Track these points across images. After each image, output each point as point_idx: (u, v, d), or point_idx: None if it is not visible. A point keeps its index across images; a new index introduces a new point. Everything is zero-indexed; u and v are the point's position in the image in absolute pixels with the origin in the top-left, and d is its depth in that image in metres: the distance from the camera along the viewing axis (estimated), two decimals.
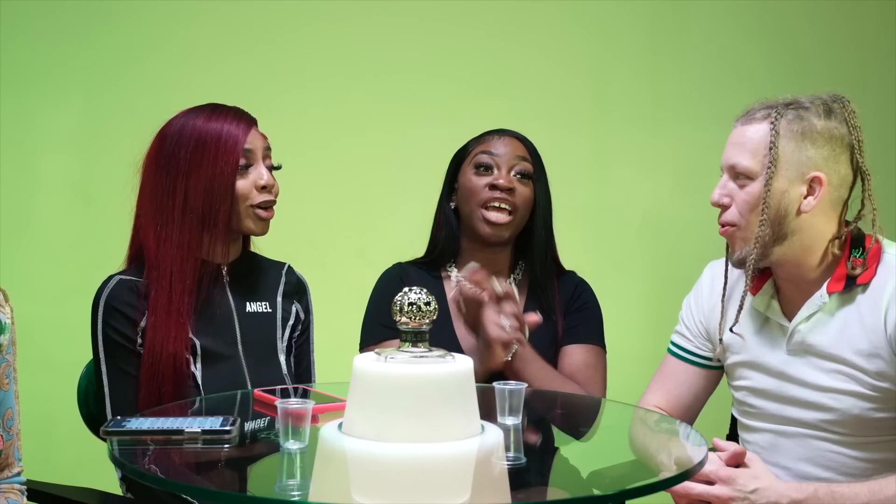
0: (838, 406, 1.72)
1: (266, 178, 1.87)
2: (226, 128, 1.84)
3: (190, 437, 1.43)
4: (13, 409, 1.68)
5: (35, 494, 1.82)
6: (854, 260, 1.72)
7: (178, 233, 1.82)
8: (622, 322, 2.31)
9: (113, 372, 1.81)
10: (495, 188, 2.02)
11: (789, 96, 1.74)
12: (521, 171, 2.05)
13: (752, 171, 1.70)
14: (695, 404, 1.95)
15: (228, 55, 2.94)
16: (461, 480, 1.28)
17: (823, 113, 1.69)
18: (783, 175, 1.68)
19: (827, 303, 1.72)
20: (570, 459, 1.59)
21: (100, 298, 1.82)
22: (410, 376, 1.28)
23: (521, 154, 2.07)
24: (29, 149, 2.85)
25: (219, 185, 1.82)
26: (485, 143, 2.08)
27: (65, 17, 2.84)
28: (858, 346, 1.70)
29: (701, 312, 1.92)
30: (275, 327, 1.95)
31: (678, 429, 1.70)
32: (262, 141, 1.89)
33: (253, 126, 1.89)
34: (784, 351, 1.77)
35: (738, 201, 1.72)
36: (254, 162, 1.87)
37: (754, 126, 1.71)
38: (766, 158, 1.68)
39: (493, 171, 2.04)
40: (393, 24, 3.04)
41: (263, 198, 1.87)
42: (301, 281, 2.04)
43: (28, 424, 1.80)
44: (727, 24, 3.26)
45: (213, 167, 1.82)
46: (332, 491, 1.26)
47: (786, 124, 1.68)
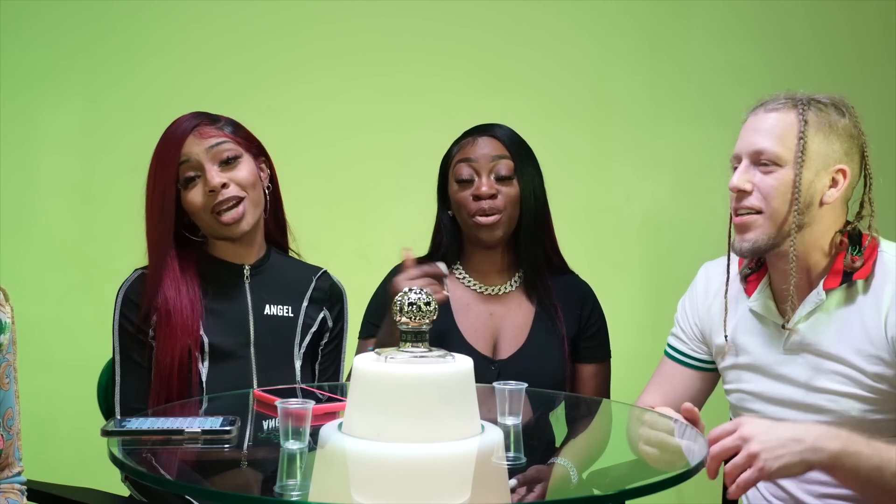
0: (836, 408, 1.71)
1: (214, 182, 1.82)
2: (160, 147, 1.86)
3: (190, 437, 1.43)
4: (13, 409, 1.68)
5: (35, 494, 1.82)
6: (852, 257, 1.72)
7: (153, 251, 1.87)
8: (621, 322, 2.31)
9: (125, 361, 1.86)
10: (479, 198, 2.03)
11: (801, 92, 1.74)
12: (502, 173, 2.04)
13: (780, 158, 1.69)
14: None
15: (228, 55, 2.94)
16: (461, 480, 1.28)
17: (839, 111, 1.71)
18: (812, 165, 1.68)
19: (825, 300, 1.72)
20: (570, 459, 1.59)
21: (120, 290, 1.88)
22: (410, 376, 1.28)
23: (499, 153, 2.06)
24: (29, 149, 2.85)
25: (166, 207, 1.84)
26: (463, 149, 2.08)
27: (65, 17, 2.84)
28: (859, 347, 1.69)
29: (696, 314, 1.91)
30: (293, 333, 1.93)
31: (676, 427, 1.70)
32: (203, 142, 1.84)
33: (190, 133, 1.84)
34: (781, 351, 1.77)
35: (762, 187, 1.70)
36: (199, 170, 1.84)
37: (780, 114, 1.71)
38: (796, 147, 1.68)
39: (473, 181, 2.04)
40: (393, 24, 3.04)
41: (217, 199, 1.83)
42: (336, 287, 2.02)
43: (28, 425, 1.80)
44: (727, 24, 3.26)
45: (161, 189, 1.84)
46: (332, 491, 1.26)
47: (813, 115, 1.69)
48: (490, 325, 2.09)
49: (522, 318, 2.10)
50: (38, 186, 2.89)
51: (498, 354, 2.07)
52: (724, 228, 1.81)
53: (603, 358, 2.15)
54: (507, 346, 2.08)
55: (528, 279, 2.11)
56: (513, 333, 2.09)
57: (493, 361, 2.06)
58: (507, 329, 2.09)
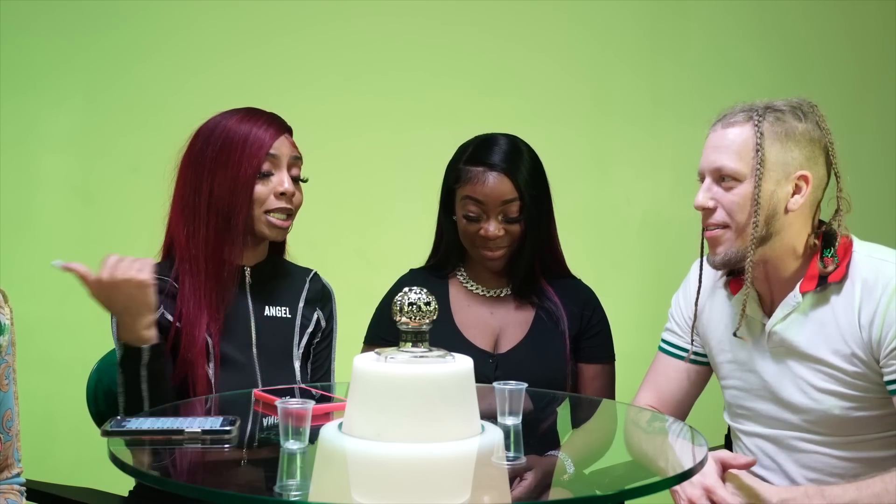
0: (818, 407, 1.74)
1: (286, 186, 1.86)
2: (254, 131, 1.85)
3: (190, 437, 1.43)
4: (12, 410, 1.68)
5: (35, 495, 1.82)
6: (825, 259, 1.74)
7: (203, 230, 1.84)
8: (622, 322, 2.31)
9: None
10: (486, 238, 2.03)
11: (761, 100, 1.76)
12: (510, 217, 2.03)
13: (739, 173, 1.71)
14: (685, 400, 1.96)
15: (228, 55, 2.94)
16: (461, 480, 1.28)
17: (797, 116, 1.72)
18: (771, 176, 1.70)
19: (801, 303, 1.74)
20: (570, 459, 1.59)
21: None
22: (410, 376, 1.28)
23: (508, 197, 2.01)
24: (29, 149, 2.85)
25: (239, 187, 1.82)
26: (472, 183, 2.02)
27: (65, 17, 2.84)
28: (835, 347, 1.72)
29: (689, 308, 1.93)
30: (292, 333, 1.94)
31: (677, 428, 1.70)
32: (291, 150, 1.89)
33: (283, 133, 1.88)
34: (765, 350, 1.79)
35: (724, 203, 1.73)
36: (277, 168, 1.86)
37: (736, 129, 1.72)
38: (753, 160, 1.69)
39: (481, 220, 2.03)
40: (393, 23, 3.04)
41: (280, 205, 1.86)
42: (326, 288, 2.03)
43: (28, 425, 1.80)
44: (727, 24, 3.26)
45: (237, 168, 1.83)
46: (332, 491, 1.26)
47: (769, 126, 1.70)
48: (490, 323, 2.10)
49: (524, 316, 2.11)
50: (38, 186, 2.89)
51: (497, 349, 2.08)
52: None
53: (606, 359, 2.15)
54: (507, 341, 2.09)
55: (518, 291, 2.11)
56: (513, 330, 2.09)
57: (491, 355, 2.06)
58: (507, 326, 2.10)
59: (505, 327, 2.10)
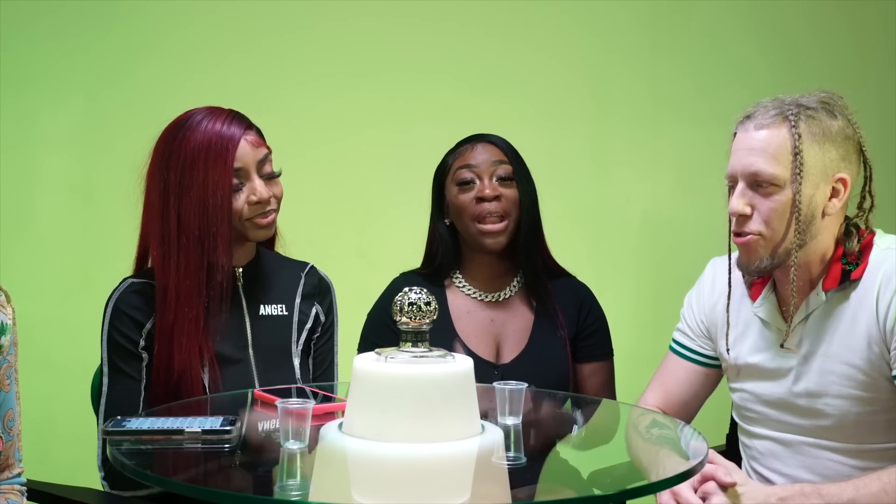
0: (834, 412, 1.71)
1: (259, 194, 1.79)
2: (213, 143, 1.77)
3: (190, 437, 1.43)
4: (14, 411, 1.68)
5: (35, 495, 1.82)
6: (849, 256, 1.70)
7: (176, 255, 1.78)
8: (622, 322, 2.31)
9: (113, 371, 1.82)
10: (482, 200, 2.04)
11: (787, 97, 1.70)
12: (502, 175, 2.06)
13: (777, 178, 1.64)
14: (693, 402, 1.94)
15: (228, 55, 2.94)
16: (461, 480, 1.28)
17: (830, 113, 1.66)
18: (811, 180, 1.64)
19: (824, 302, 1.72)
20: (570, 460, 1.59)
21: (110, 300, 1.83)
22: (410, 376, 1.28)
23: (498, 158, 2.07)
24: (29, 149, 2.85)
25: (210, 209, 1.76)
26: (461, 156, 2.09)
27: (65, 17, 2.84)
28: (853, 344, 1.69)
29: (702, 310, 1.90)
30: (290, 330, 1.92)
31: (677, 429, 1.70)
32: (255, 151, 1.81)
33: (243, 136, 1.80)
34: (782, 355, 1.76)
35: (762, 210, 1.66)
36: (247, 178, 1.80)
37: (771, 130, 1.65)
38: (793, 164, 1.63)
39: (475, 184, 2.05)
40: (392, 23, 3.04)
41: (258, 210, 1.81)
42: (324, 280, 1.99)
43: (28, 425, 1.80)
44: (727, 24, 3.26)
45: (203, 190, 1.76)
46: (332, 491, 1.26)
47: (805, 126, 1.64)
48: (491, 331, 2.10)
49: (523, 322, 2.11)
50: (38, 186, 2.89)
51: (500, 359, 2.08)
52: (724, 228, 1.79)
53: (602, 356, 2.15)
54: (510, 350, 2.09)
55: (528, 283, 2.12)
56: (514, 338, 2.09)
57: (495, 366, 2.06)
58: (508, 334, 2.10)
59: (506, 334, 2.10)
